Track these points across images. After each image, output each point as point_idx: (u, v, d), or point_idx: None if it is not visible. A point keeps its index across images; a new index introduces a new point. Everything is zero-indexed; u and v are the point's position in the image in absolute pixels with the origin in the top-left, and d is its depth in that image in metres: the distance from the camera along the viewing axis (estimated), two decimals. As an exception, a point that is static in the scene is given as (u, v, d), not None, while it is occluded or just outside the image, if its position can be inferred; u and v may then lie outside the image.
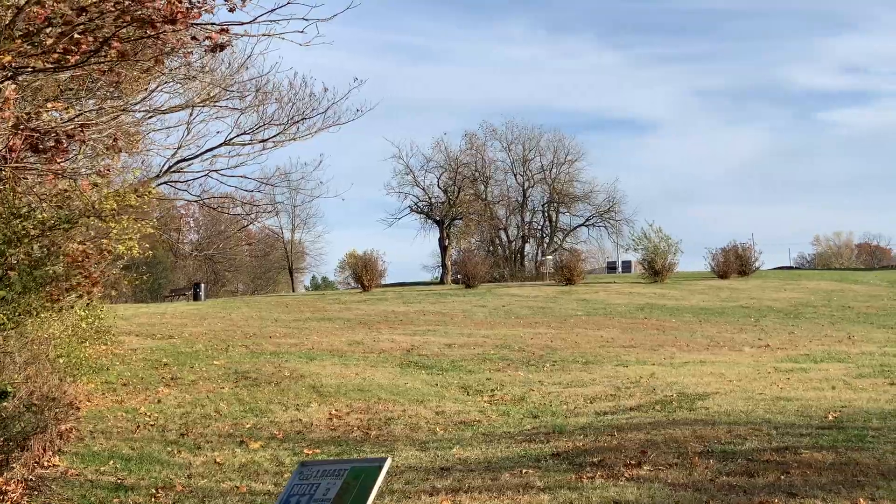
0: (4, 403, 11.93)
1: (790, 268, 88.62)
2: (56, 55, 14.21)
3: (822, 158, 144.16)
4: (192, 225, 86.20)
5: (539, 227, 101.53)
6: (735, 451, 14.15)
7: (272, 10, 13.99)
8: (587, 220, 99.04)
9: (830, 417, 16.27)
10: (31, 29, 13.65)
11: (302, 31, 14.37)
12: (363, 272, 64.86)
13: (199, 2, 14.57)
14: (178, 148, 31.89)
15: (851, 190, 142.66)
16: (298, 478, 7.61)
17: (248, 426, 17.98)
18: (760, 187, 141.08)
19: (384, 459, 7.57)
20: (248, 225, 70.14)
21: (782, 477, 12.85)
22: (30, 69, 15.03)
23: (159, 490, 13.64)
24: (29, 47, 13.76)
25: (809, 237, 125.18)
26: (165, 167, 31.51)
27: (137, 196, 21.67)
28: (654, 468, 13.50)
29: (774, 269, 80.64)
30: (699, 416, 17.13)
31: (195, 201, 43.76)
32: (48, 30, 13.86)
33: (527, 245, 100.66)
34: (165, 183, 30.65)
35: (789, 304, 43.62)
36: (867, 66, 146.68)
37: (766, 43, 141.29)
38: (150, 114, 25.73)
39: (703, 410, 17.59)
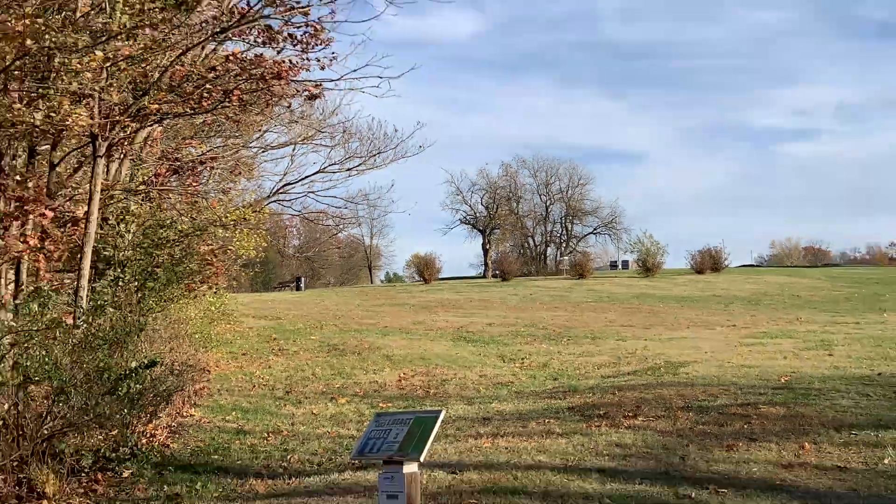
0: (156, 370, 12.02)
1: (752, 265, 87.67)
2: (192, 102, 14.34)
3: (775, 181, 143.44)
4: (294, 233, 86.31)
5: (558, 235, 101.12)
6: (709, 406, 14.06)
7: (354, 70, 14.09)
8: (595, 229, 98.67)
9: (783, 380, 16.11)
10: (173, 84, 13.78)
11: (377, 87, 14.44)
12: (424, 269, 65.16)
13: (298, 62, 14.68)
14: (284, 175, 32.21)
15: (798, 204, 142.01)
16: (375, 425, 7.63)
17: (337, 386, 18.09)
18: (726, 203, 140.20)
19: (440, 411, 7.58)
20: (336, 233, 70.36)
21: (745, 426, 12.77)
22: (172, 115, 15.20)
23: (270, 434, 13.73)
24: (172, 97, 13.90)
25: (767, 242, 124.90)
26: (274, 189, 31.72)
27: (253, 212, 21.86)
28: (647, 419, 13.46)
29: (739, 266, 79.84)
30: (681, 379, 17.03)
31: (297, 215, 44.12)
32: (186, 84, 13.99)
33: (549, 248, 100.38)
34: (274, 201, 30.89)
35: (751, 294, 43.25)
36: (811, 110, 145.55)
37: (732, 92, 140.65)
38: (263, 149, 25.96)
39: (684, 375, 17.49)
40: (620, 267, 76.84)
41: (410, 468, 7.08)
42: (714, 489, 10.01)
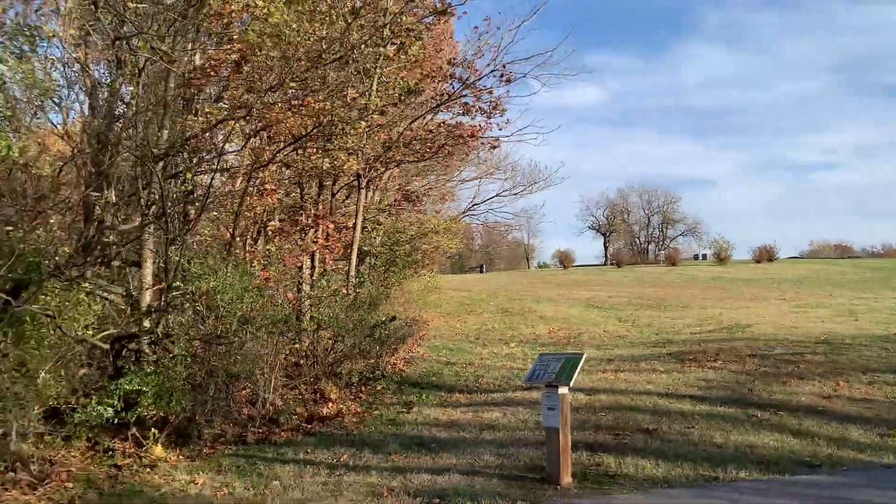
0: (395, 323, 12.35)
1: (796, 257, 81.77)
2: (418, 153, 14.56)
3: (812, 198, 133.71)
4: (478, 236, 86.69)
5: (656, 236, 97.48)
6: (769, 355, 13.28)
7: (520, 129, 14.03)
8: (682, 232, 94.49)
9: (822, 337, 15.02)
10: (406, 141, 14.06)
11: (535, 139, 14.26)
12: (564, 258, 64.32)
13: (484, 125, 14.68)
14: (473, 198, 32.23)
15: (828, 214, 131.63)
16: (539, 361, 7.59)
17: (508, 335, 18.08)
18: (776, 213, 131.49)
19: (582, 354, 7.47)
20: (506, 236, 70.36)
21: (795, 369, 12.01)
22: (405, 161, 15.51)
23: (467, 365, 13.88)
24: (405, 149, 14.16)
25: (806, 240, 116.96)
26: (467, 208, 31.86)
27: (454, 223, 22.09)
28: (723, 363, 12.84)
29: (787, 258, 74.51)
30: (747, 335, 16.13)
31: (481, 224, 44.27)
32: (414, 142, 14.24)
33: (650, 245, 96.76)
34: (467, 216, 30.99)
35: (796, 277, 40.39)
36: (834, 149, 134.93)
37: (777, 137, 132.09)
38: (460, 182, 26.17)
39: (749, 332, 16.55)
40: (700, 258, 73.40)
41: (563, 390, 7.02)
42: (774, 411, 9.46)
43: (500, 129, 14.73)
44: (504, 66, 13.19)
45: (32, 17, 14.09)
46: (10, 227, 7.99)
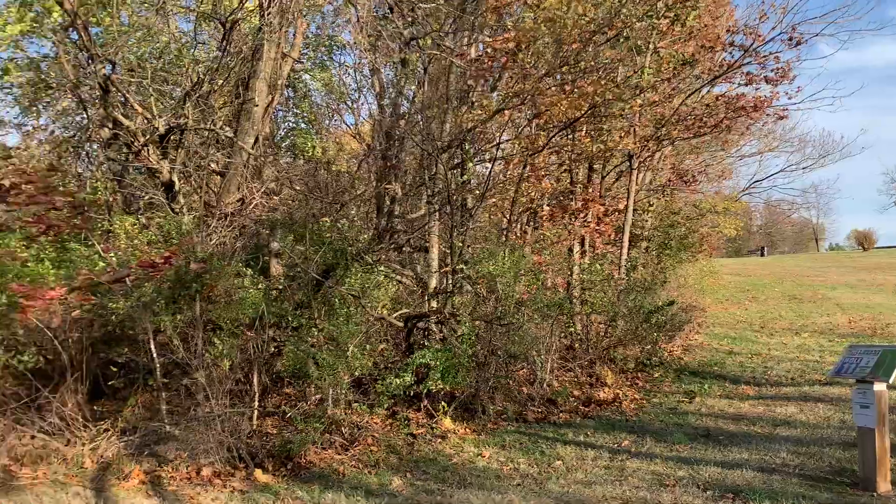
0: (673, 308, 11.92)
1: None
2: (692, 130, 13.89)
3: None
4: (759, 215, 79.67)
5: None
6: None
7: (811, 96, 12.71)
8: None
9: None
10: (680, 118, 13.46)
11: (830, 105, 12.83)
12: (863, 239, 57.29)
13: (770, 96, 13.57)
14: (753, 175, 29.87)
15: None
16: (848, 354, 6.80)
17: (798, 324, 16.46)
18: None
19: (905, 346, 6.56)
20: (791, 214, 64.02)
21: None
22: (679, 139, 14.87)
23: (753, 355, 12.92)
24: (679, 127, 13.58)
25: None
26: (747, 186, 29.56)
27: (731, 202, 20.75)
28: None
29: None
30: None
31: (762, 203, 40.78)
32: (688, 118, 13.59)
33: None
34: (746, 194, 28.76)
35: None
36: None
37: None
38: (740, 157, 24.40)
39: None
40: None
41: (880, 387, 6.23)
42: None
43: (790, 98, 13.42)
44: (794, 28, 11.99)
45: (330, 29, 15.80)
46: (324, 219, 9.08)
